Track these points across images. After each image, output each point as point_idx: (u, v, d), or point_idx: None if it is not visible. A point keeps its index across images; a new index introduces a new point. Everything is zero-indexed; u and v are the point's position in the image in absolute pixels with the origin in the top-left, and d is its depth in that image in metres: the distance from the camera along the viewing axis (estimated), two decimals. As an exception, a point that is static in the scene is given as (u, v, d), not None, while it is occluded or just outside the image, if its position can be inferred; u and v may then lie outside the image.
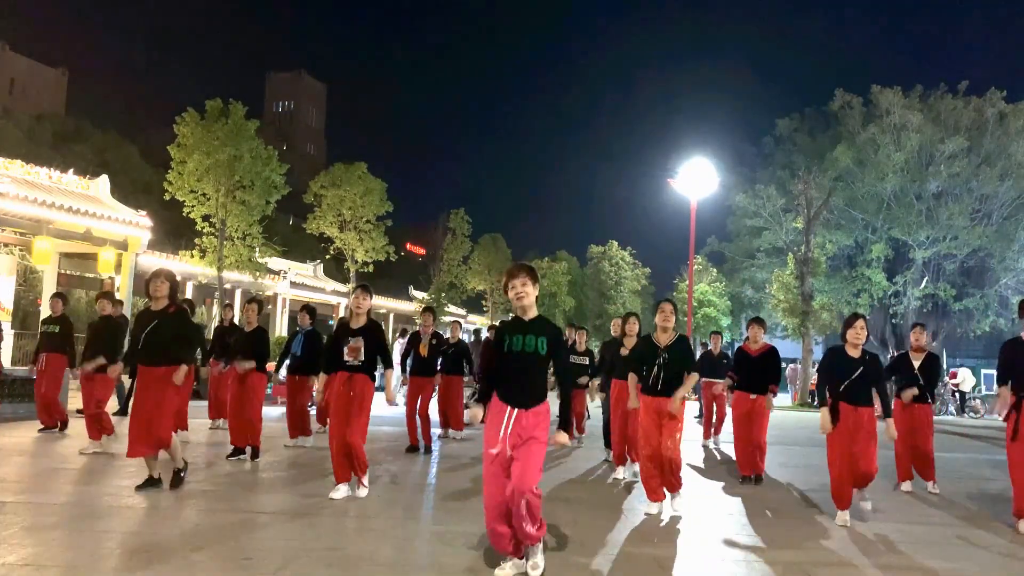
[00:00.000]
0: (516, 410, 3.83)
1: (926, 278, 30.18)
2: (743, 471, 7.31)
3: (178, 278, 5.99)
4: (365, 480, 5.77)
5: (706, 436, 10.96)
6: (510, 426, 3.80)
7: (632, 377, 5.89)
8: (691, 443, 10.20)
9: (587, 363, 9.40)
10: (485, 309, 38.71)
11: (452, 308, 36.53)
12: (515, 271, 4.01)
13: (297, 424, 8.61)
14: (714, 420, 11.03)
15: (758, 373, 7.34)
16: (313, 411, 9.87)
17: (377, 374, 5.91)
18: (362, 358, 5.71)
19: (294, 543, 4.31)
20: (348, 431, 5.55)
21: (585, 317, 38.29)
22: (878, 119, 29.54)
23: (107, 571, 3.72)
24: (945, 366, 24.61)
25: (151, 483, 5.61)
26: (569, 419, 4.09)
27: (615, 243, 44.49)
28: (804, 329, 26.29)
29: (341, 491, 5.61)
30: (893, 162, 28.19)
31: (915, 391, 6.99)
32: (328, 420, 5.76)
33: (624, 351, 7.27)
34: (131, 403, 5.75)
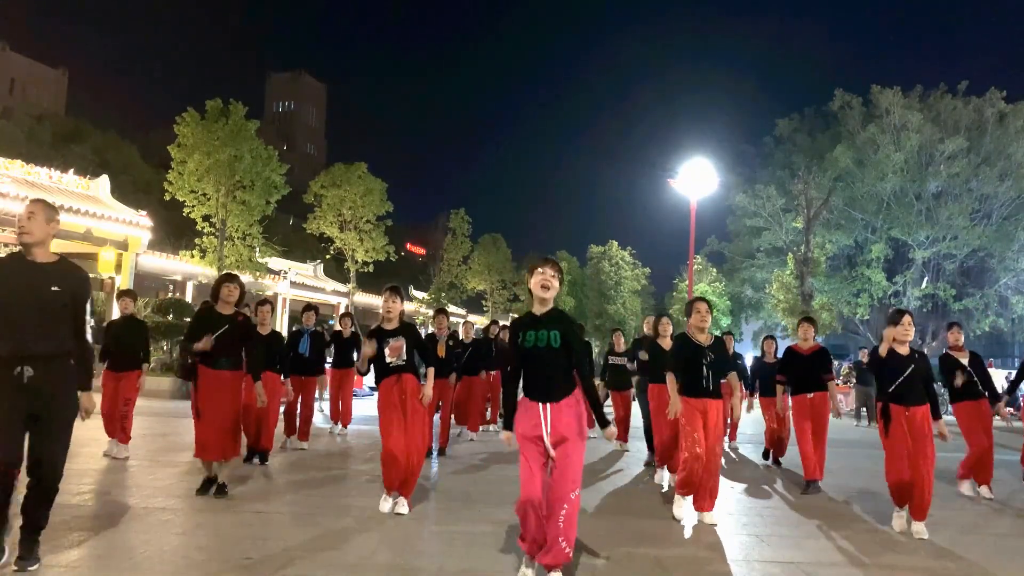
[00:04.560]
0: (548, 405, 3.77)
1: (926, 278, 30.20)
2: (809, 476, 6.84)
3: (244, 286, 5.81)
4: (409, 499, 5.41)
5: None
6: (549, 421, 3.74)
7: (671, 379, 5.55)
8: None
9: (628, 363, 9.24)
10: (485, 309, 38.71)
11: (452, 308, 36.52)
12: (544, 261, 3.93)
13: (296, 425, 8.58)
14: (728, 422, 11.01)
15: (812, 372, 7.12)
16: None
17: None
18: (404, 357, 5.36)
19: (295, 543, 4.31)
20: (411, 441, 5.19)
21: (585, 317, 38.25)
22: (878, 119, 29.56)
23: (107, 570, 3.72)
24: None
25: (210, 484, 5.52)
26: (602, 413, 3.97)
27: (615, 243, 44.47)
28: (804, 329, 26.26)
29: (390, 502, 5.26)
30: (893, 162, 28.20)
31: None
32: (385, 430, 5.26)
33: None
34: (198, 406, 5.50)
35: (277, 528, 4.68)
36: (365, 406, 13.41)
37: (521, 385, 3.95)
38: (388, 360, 5.31)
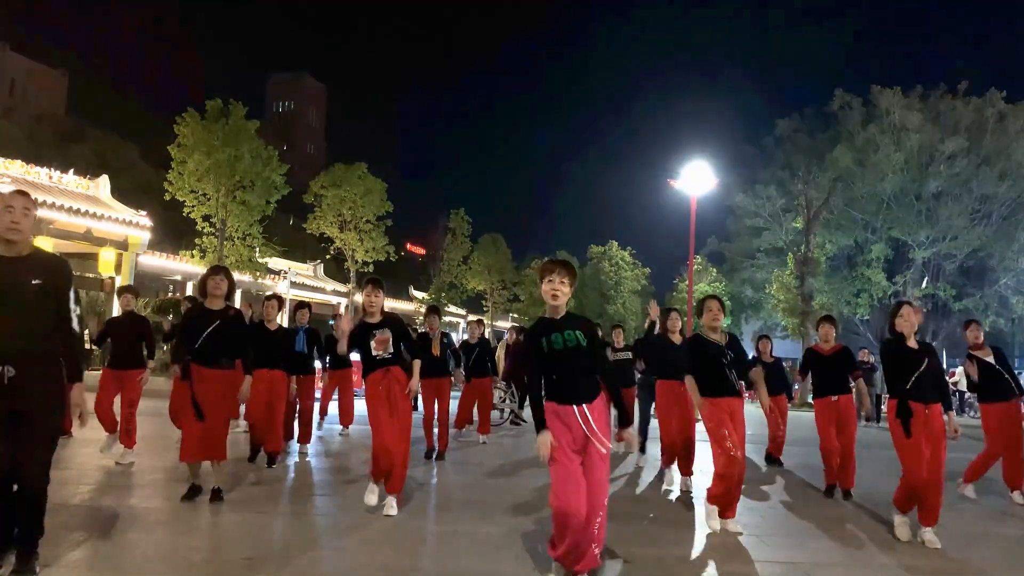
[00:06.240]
0: (584, 406, 3.68)
1: (926, 278, 30.22)
2: (829, 480, 6.69)
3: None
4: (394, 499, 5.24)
5: None
6: (591, 421, 3.66)
7: (691, 382, 5.26)
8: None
9: (630, 358, 9.05)
10: (485, 309, 38.73)
11: (452, 308, 36.54)
12: (554, 266, 3.79)
13: (301, 426, 8.55)
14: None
15: (836, 373, 6.88)
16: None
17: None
18: (391, 350, 5.27)
19: (294, 544, 4.31)
20: (394, 436, 5.12)
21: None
22: (878, 119, 29.57)
23: (107, 571, 3.72)
24: (945, 366, 24.64)
25: (195, 491, 5.31)
26: (627, 414, 3.90)
27: (615, 243, 44.50)
28: (804, 329, 26.31)
29: (376, 493, 5.18)
30: (893, 162, 28.22)
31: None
32: (375, 423, 5.25)
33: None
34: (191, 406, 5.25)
35: (277, 528, 4.68)
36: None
37: (545, 391, 3.79)
38: (375, 353, 5.26)
